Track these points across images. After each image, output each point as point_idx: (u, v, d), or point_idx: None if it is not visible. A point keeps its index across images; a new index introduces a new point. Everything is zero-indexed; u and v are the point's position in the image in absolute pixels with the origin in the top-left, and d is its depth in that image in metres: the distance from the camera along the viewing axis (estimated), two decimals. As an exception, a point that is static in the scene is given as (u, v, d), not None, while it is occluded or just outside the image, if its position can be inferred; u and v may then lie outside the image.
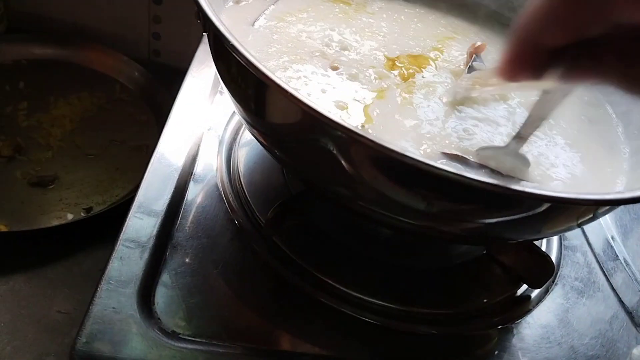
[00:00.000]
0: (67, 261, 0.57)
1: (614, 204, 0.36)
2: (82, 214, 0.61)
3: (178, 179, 0.45)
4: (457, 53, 0.48)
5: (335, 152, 0.32)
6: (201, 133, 0.51)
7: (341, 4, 0.51)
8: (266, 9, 0.47)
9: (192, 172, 0.47)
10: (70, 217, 0.60)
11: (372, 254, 0.45)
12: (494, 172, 0.35)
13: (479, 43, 0.44)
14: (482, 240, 0.42)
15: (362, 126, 0.38)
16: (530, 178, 0.37)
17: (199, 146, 0.49)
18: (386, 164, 0.31)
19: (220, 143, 0.51)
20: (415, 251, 0.46)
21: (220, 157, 0.49)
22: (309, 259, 0.42)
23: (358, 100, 0.40)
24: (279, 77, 0.40)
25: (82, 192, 0.64)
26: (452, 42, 0.50)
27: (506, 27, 0.55)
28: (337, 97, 0.40)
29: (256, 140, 0.41)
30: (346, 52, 0.45)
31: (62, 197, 0.63)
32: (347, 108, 0.39)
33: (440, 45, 0.49)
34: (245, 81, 0.35)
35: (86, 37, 0.79)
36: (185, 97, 0.54)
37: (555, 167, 0.40)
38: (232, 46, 0.31)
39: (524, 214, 0.33)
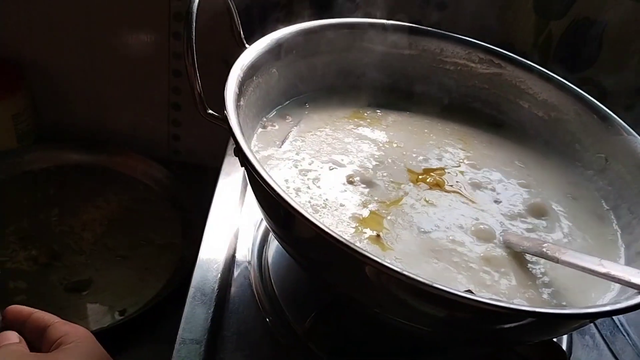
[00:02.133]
0: (106, 366, 0.60)
1: (614, 314, 0.40)
2: (117, 316, 0.65)
3: (218, 295, 0.48)
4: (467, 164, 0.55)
5: (358, 274, 0.35)
6: (236, 231, 0.55)
7: (356, 119, 0.57)
8: (291, 130, 0.53)
9: (229, 282, 0.51)
10: (107, 320, 0.64)
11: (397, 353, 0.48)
12: None
13: None
14: (501, 344, 0.46)
15: (378, 236, 0.43)
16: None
17: (235, 249, 0.53)
18: (408, 289, 0.35)
19: (253, 243, 0.54)
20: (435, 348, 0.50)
21: (252, 258, 0.53)
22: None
23: (375, 212, 0.45)
24: (303, 192, 0.46)
25: (115, 295, 0.67)
26: (460, 149, 0.56)
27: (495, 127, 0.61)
28: (354, 210, 0.45)
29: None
30: (362, 164, 0.50)
31: (97, 300, 0.66)
32: (362, 219, 0.44)
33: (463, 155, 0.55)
34: (276, 207, 0.39)
35: (109, 142, 0.85)
36: (219, 199, 0.57)
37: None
38: (266, 182, 0.36)
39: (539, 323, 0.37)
